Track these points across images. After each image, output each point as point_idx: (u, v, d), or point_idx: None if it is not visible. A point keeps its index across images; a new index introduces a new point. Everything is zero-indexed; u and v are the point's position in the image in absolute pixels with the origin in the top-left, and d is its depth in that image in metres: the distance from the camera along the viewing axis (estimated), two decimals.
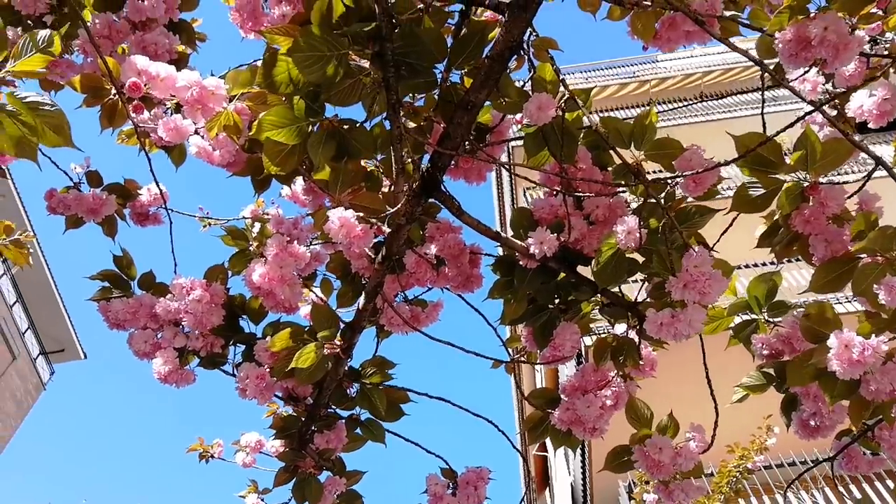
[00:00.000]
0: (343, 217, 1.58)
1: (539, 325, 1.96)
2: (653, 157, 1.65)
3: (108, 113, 1.73)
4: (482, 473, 2.17)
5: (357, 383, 2.04)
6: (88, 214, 2.20)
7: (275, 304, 1.95)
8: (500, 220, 12.15)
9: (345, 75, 1.52)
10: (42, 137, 1.12)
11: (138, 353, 2.05)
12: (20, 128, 1.09)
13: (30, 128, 1.09)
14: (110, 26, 2.06)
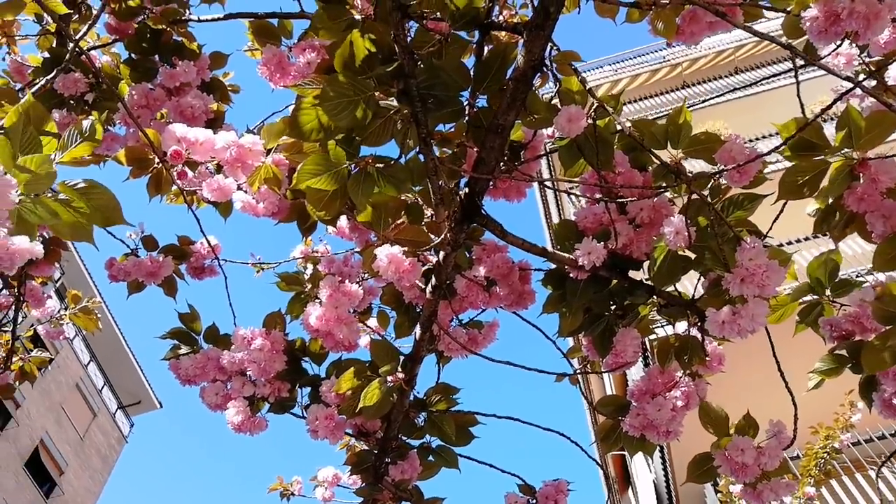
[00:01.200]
0: (390, 254, 1.60)
1: (598, 333, 1.94)
2: (691, 153, 1.63)
3: (154, 182, 1.80)
4: (561, 486, 2.16)
5: (424, 412, 2.05)
6: (148, 278, 2.29)
7: (334, 345, 1.98)
8: (549, 231, 12.06)
9: (374, 116, 1.55)
10: (95, 219, 1.18)
11: (211, 405, 2.11)
12: (73, 214, 1.15)
13: (82, 213, 1.15)
14: (147, 96, 2.15)
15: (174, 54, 2.20)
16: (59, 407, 18.80)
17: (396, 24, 1.46)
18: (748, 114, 9.57)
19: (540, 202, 12.21)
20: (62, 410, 18.93)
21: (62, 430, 18.92)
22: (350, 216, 2.05)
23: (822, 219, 1.62)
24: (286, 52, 1.95)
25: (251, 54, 2.16)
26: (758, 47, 12.09)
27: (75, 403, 19.59)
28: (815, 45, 1.47)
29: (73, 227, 1.12)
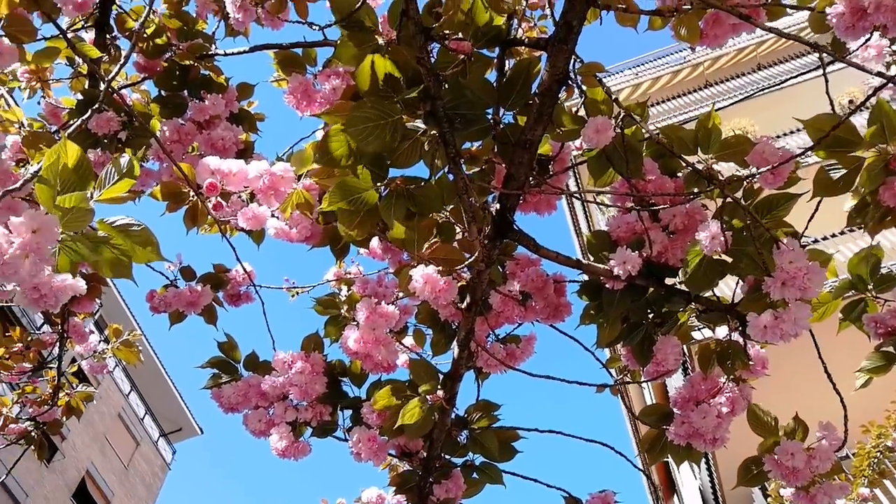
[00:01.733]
0: (426, 274, 1.61)
1: (637, 342, 1.92)
2: (722, 157, 1.62)
3: (190, 214, 1.83)
4: (607, 498, 2.14)
5: (466, 430, 2.05)
6: (188, 308, 2.33)
7: (374, 366, 1.99)
8: (578, 243, 11.99)
9: (402, 138, 1.57)
10: (134, 256, 1.20)
11: (255, 432, 2.13)
12: (113, 251, 1.17)
13: (122, 250, 1.17)
14: (178, 130, 2.19)
15: (202, 88, 2.24)
16: (104, 437, 19.09)
17: (420, 48, 1.48)
18: (773, 109, 9.43)
19: (568, 214, 12.15)
20: (106, 441, 19.23)
21: (107, 460, 19.21)
22: (382, 237, 2.06)
23: (856, 212, 1.59)
24: (312, 80, 1.98)
25: (277, 84, 2.19)
26: (780, 42, 11.94)
27: (118, 433, 19.89)
28: (842, 40, 1.45)
29: (114, 264, 1.15)
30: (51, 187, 1.02)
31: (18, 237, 0.88)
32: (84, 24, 2.43)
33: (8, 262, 0.86)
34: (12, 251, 0.87)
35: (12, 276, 0.88)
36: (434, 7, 1.70)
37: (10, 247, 0.87)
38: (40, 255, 0.90)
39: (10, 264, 0.87)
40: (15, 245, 0.88)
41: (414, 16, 1.48)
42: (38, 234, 0.90)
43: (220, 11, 2.28)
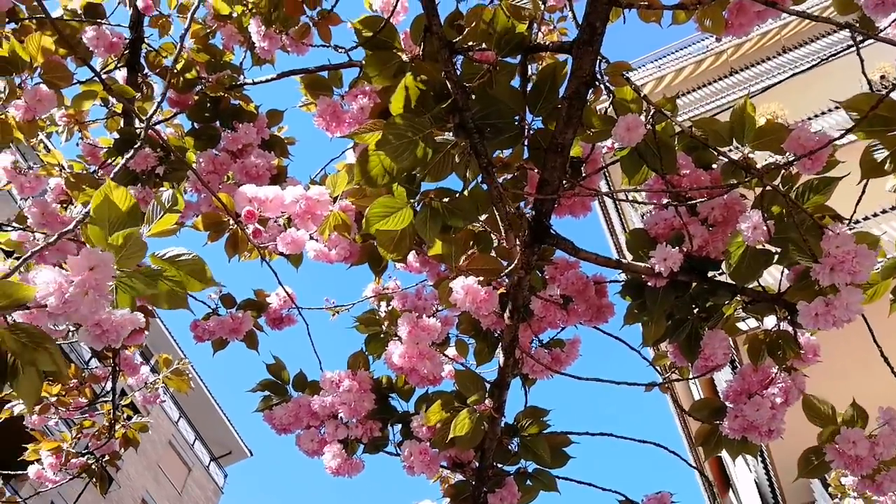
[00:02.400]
0: (466, 285, 1.62)
1: (683, 339, 1.90)
2: (758, 146, 1.60)
3: (231, 243, 1.87)
4: (663, 498, 2.11)
5: (516, 437, 2.05)
6: (231, 335, 2.36)
7: (420, 380, 2.00)
8: (613, 243, 11.89)
9: (434, 152, 1.58)
10: (188, 285, 1.23)
11: (308, 452, 2.15)
12: (167, 283, 1.20)
13: (176, 281, 1.20)
14: (213, 161, 2.24)
15: (233, 118, 2.29)
16: (157, 465, 19.43)
17: (446, 62, 1.49)
18: (803, 92, 9.27)
19: (601, 214, 12.06)
20: (159, 468, 19.56)
21: (161, 487, 19.53)
22: (419, 251, 2.08)
23: None
24: (339, 102, 2.00)
25: (306, 109, 2.23)
26: (804, 24, 11.74)
27: (170, 460, 20.23)
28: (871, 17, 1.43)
29: (169, 295, 1.18)
30: (102, 227, 1.05)
31: (77, 276, 0.91)
32: (116, 64, 2.50)
33: (69, 300, 0.89)
34: (72, 290, 0.90)
35: (74, 314, 0.91)
36: (456, 20, 1.72)
37: (69, 285, 0.90)
38: (100, 292, 0.93)
39: (72, 302, 0.90)
40: (74, 283, 0.91)
41: (437, 31, 1.50)
42: (96, 271, 0.92)
43: (246, 41, 2.33)
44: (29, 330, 0.92)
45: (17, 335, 0.91)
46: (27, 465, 2.95)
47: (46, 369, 0.94)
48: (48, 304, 0.88)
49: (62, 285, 0.88)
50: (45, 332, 0.93)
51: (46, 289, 0.88)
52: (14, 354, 0.92)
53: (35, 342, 0.92)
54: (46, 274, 0.89)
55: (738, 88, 11.65)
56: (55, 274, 0.89)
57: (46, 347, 0.92)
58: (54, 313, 0.89)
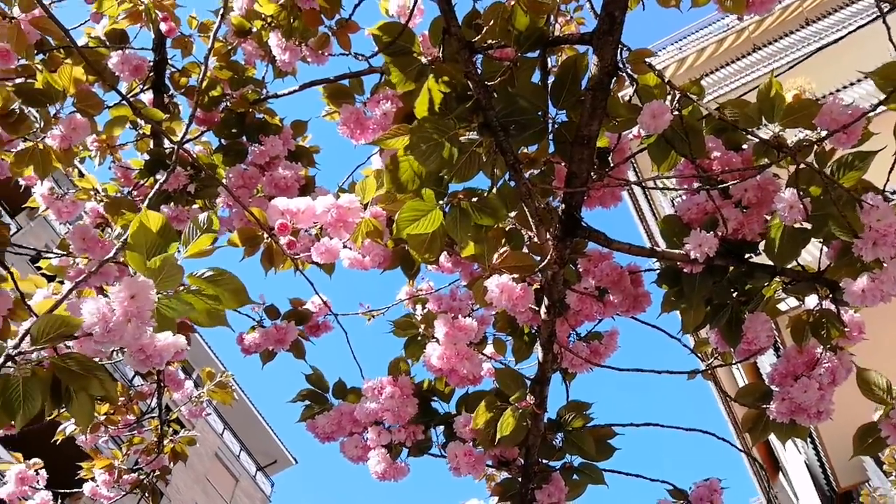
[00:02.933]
0: (501, 283, 1.62)
1: (724, 324, 1.88)
2: (789, 124, 1.57)
3: (267, 256, 1.89)
4: (713, 486, 2.08)
5: (560, 432, 2.04)
6: (277, 345, 2.39)
7: (460, 381, 2.01)
8: (644, 230, 11.75)
9: (460, 153, 1.58)
10: (226, 303, 1.25)
11: (352, 458, 2.17)
12: (206, 301, 1.22)
13: (214, 299, 1.22)
14: (242, 176, 2.27)
15: (259, 132, 2.32)
16: (204, 478, 19.75)
17: (466, 62, 1.49)
18: (830, 64, 9.05)
19: (630, 202, 11.93)
20: (207, 481, 19.88)
21: (209, 499, 19.85)
22: (451, 252, 2.08)
23: None
24: (362, 109, 2.01)
25: (330, 118, 2.25)
26: None
27: (217, 472, 20.54)
28: None
29: (209, 314, 1.20)
30: (140, 253, 1.07)
31: (119, 304, 0.94)
32: (142, 87, 2.55)
33: (113, 329, 0.92)
34: (116, 318, 0.92)
35: (118, 341, 0.93)
36: (474, 19, 1.72)
37: (112, 314, 0.93)
38: (142, 319, 0.95)
39: (116, 330, 0.92)
40: (117, 311, 0.93)
41: (456, 32, 1.50)
42: (137, 298, 0.95)
43: (267, 55, 2.36)
44: (79, 358, 0.94)
45: (69, 363, 0.94)
46: (82, 482, 3.02)
47: (97, 395, 0.96)
48: (94, 334, 0.90)
49: (106, 314, 0.91)
50: (95, 360, 0.96)
51: (92, 318, 0.91)
52: (67, 381, 0.95)
53: (85, 369, 0.94)
54: (91, 304, 0.91)
55: (762, 65, 11.44)
56: (99, 303, 0.92)
57: (96, 374, 0.95)
58: (100, 341, 0.91)
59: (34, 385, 0.93)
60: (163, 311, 1.14)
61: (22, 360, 0.94)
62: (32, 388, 0.94)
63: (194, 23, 2.60)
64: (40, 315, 1.45)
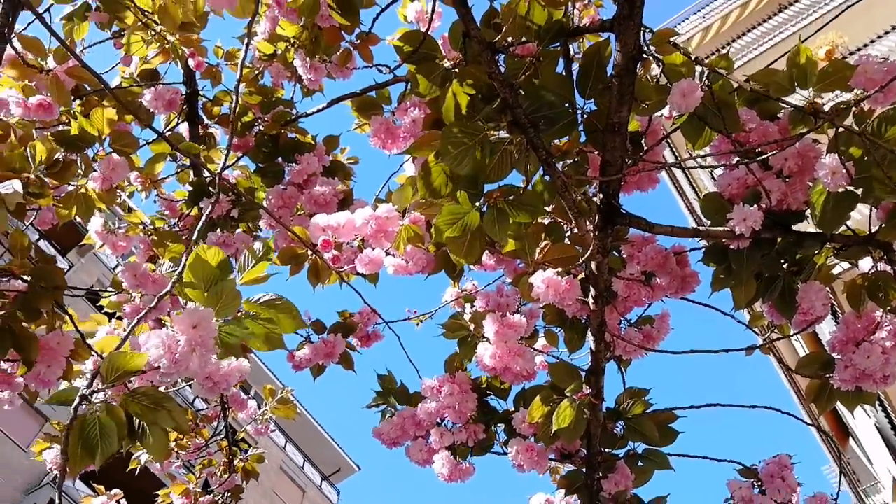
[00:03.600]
0: (546, 278, 1.62)
1: (777, 296, 1.85)
2: (824, 88, 1.54)
3: (313, 272, 1.93)
4: (783, 461, 2.05)
5: (620, 420, 2.03)
6: (326, 359, 2.44)
7: (514, 377, 2.01)
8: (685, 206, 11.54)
9: (492, 153, 1.59)
10: (282, 327, 1.29)
11: (418, 462, 2.20)
12: (264, 325, 1.26)
13: (272, 324, 1.26)
14: (282, 196, 2.31)
15: (294, 151, 2.36)
16: (272, 492, 20.12)
17: (489, 63, 1.50)
18: (859, 18, 8.77)
19: (669, 181, 11.73)
20: (275, 495, 20.25)
21: None
22: (493, 251, 2.09)
23: None
24: (391, 118, 2.04)
25: (360, 130, 2.28)
26: None
27: (284, 485, 20.91)
28: None
29: (267, 338, 1.23)
30: (199, 284, 1.11)
31: (183, 334, 0.97)
32: (177, 120, 2.62)
33: (179, 359, 0.95)
34: (181, 349, 0.96)
35: (185, 371, 0.97)
36: (492, 19, 1.72)
37: (177, 345, 0.96)
38: (206, 348, 0.98)
39: (182, 361, 0.96)
40: (182, 342, 0.97)
41: (476, 35, 1.51)
42: (199, 328, 0.98)
43: (294, 76, 2.40)
44: (148, 393, 0.98)
45: (139, 399, 0.98)
46: None
47: (169, 427, 1.00)
48: (161, 366, 0.94)
49: (171, 346, 0.94)
50: (164, 393, 1.00)
51: (157, 352, 0.95)
52: (138, 417, 0.99)
53: (155, 403, 0.98)
54: (155, 338, 0.95)
55: (790, 24, 11.13)
56: (163, 336, 0.95)
57: (166, 407, 0.99)
58: (168, 373, 0.95)
59: (109, 423, 0.98)
60: (224, 337, 1.18)
61: (95, 400, 0.98)
62: (108, 426, 0.98)
63: (220, 52, 2.67)
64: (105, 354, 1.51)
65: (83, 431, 0.98)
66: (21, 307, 1.74)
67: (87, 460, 0.98)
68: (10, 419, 14.07)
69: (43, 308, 1.73)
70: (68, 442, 0.95)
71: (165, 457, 1.01)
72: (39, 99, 1.85)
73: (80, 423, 0.97)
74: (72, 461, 0.99)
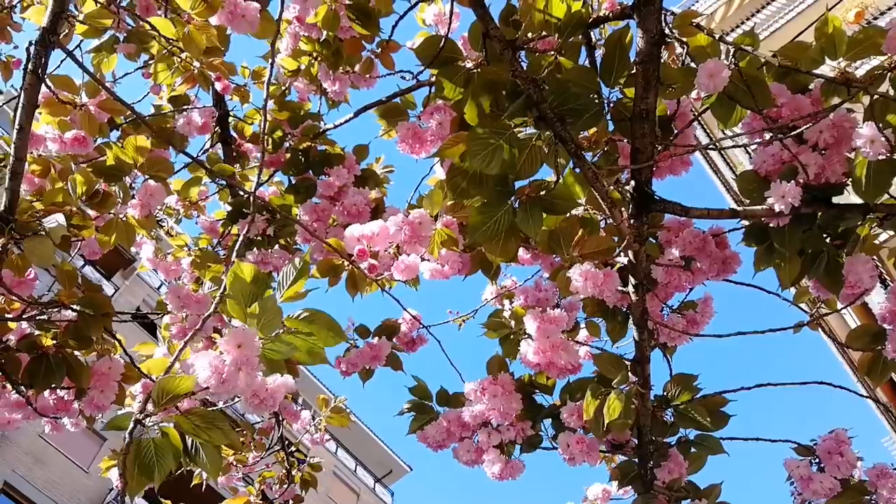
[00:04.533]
0: (584, 271, 1.61)
1: (823, 271, 1.81)
2: (856, 56, 1.50)
3: (351, 283, 1.95)
4: (840, 436, 2.01)
5: (669, 408, 2.01)
6: (373, 362, 2.46)
7: (559, 372, 2.01)
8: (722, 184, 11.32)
9: (520, 151, 1.59)
10: (324, 341, 1.30)
11: (467, 463, 2.21)
12: (306, 340, 1.28)
13: (314, 338, 1.27)
14: (315, 210, 2.34)
15: (324, 164, 2.39)
16: (327, 497, 20.36)
17: (511, 61, 1.50)
18: None
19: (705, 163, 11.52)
20: (330, 499, 20.49)
21: None
22: (528, 247, 2.09)
23: None
24: (417, 123, 2.05)
25: (387, 136, 2.30)
26: None
27: (339, 489, 21.15)
28: None
29: (310, 352, 1.25)
30: (238, 302, 1.14)
31: (229, 355, 1.00)
32: (210, 142, 2.67)
33: (227, 379, 0.98)
34: (228, 369, 0.98)
35: (233, 390, 0.99)
36: (510, 15, 1.72)
37: (224, 365, 0.99)
38: (251, 366, 1.01)
39: (230, 380, 0.98)
40: (228, 362, 0.99)
41: (496, 34, 1.50)
42: (244, 346, 1.01)
43: (318, 89, 2.43)
44: (200, 412, 1.01)
45: (192, 419, 1.01)
46: None
47: (222, 444, 1.02)
48: (210, 387, 0.96)
49: (218, 367, 0.97)
50: (216, 412, 1.02)
51: (205, 373, 0.97)
52: (192, 436, 1.01)
53: (208, 422, 1.01)
54: (203, 360, 0.98)
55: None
56: (210, 357, 0.98)
57: (218, 425, 1.01)
58: (217, 393, 0.97)
59: (164, 445, 1.01)
60: (268, 354, 1.20)
61: (149, 423, 1.01)
62: (163, 448, 1.01)
63: (247, 72, 2.71)
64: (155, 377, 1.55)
65: (139, 455, 1.01)
66: (73, 336, 1.80)
67: (145, 481, 1.01)
68: (71, 442, 14.52)
69: (94, 335, 1.78)
70: (125, 465, 0.98)
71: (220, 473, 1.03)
72: (74, 133, 1.90)
73: (136, 448, 1.00)
74: (130, 483, 1.03)
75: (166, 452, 1.01)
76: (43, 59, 1.51)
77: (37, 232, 1.58)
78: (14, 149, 1.58)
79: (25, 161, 1.59)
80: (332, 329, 1.27)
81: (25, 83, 1.53)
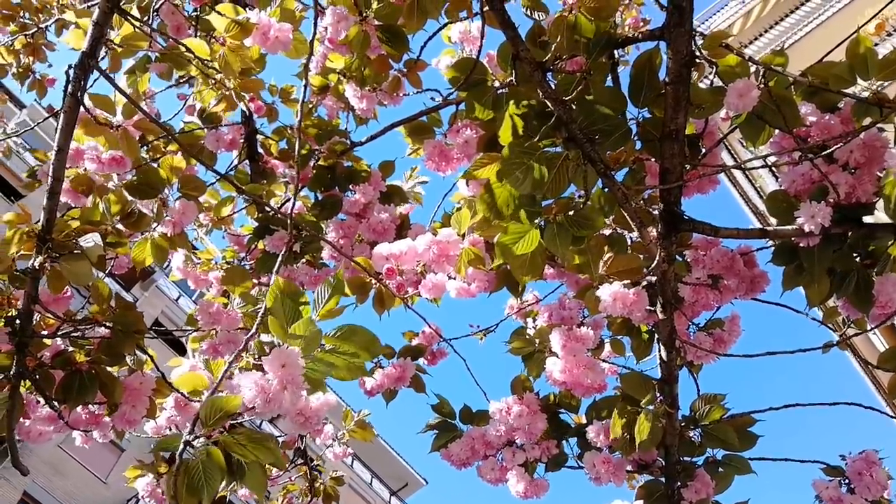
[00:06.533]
0: (613, 291, 1.62)
1: (852, 291, 1.80)
2: (887, 76, 1.50)
3: (378, 300, 1.96)
4: (870, 457, 1.99)
5: (697, 427, 2.00)
6: (397, 383, 2.46)
7: (585, 391, 2.00)
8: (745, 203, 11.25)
9: (549, 170, 1.59)
10: (364, 357, 1.31)
11: (491, 481, 2.20)
12: (345, 358, 1.29)
13: (353, 355, 1.29)
14: (341, 227, 2.36)
15: (350, 181, 2.41)
16: None
17: (540, 83, 1.51)
18: None
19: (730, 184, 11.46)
20: None
21: None
22: (553, 265, 2.09)
23: None
24: (443, 140, 2.06)
25: (415, 154, 2.32)
26: None
27: (354, 502, 21.08)
28: None
29: (350, 369, 1.26)
30: (281, 322, 1.15)
31: (273, 374, 1.01)
32: (238, 159, 2.71)
33: (272, 398, 0.99)
34: (273, 388, 0.99)
35: (278, 408, 1.01)
36: (539, 37, 1.74)
37: (269, 384, 1.00)
38: (295, 385, 1.02)
39: (275, 399, 0.99)
40: (273, 382, 1.00)
41: (526, 56, 1.52)
42: (288, 366, 1.02)
43: (346, 106, 2.45)
44: (246, 432, 1.02)
45: (239, 438, 1.02)
46: None
47: (269, 463, 1.04)
48: (256, 406, 0.98)
49: (264, 387, 0.98)
50: (262, 432, 1.03)
51: (251, 393, 0.99)
52: (239, 455, 1.03)
53: (255, 441, 1.02)
54: (247, 380, 0.99)
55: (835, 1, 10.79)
56: (255, 377, 0.99)
57: (265, 444, 1.02)
58: (262, 412, 0.99)
59: (212, 465, 1.02)
60: (310, 373, 1.21)
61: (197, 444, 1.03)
62: (211, 468, 1.03)
63: (275, 90, 2.75)
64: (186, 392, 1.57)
65: (187, 475, 1.02)
66: (106, 352, 1.82)
67: (194, 501, 1.03)
68: (89, 452, 14.61)
69: (126, 352, 1.80)
70: (176, 486, 1.00)
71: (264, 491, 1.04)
72: (111, 154, 1.94)
73: (184, 468, 1.01)
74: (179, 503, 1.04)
75: (214, 472, 1.03)
76: (82, 83, 1.54)
77: (73, 251, 1.61)
78: (52, 169, 1.61)
79: (63, 181, 1.63)
80: (371, 345, 1.28)
81: (65, 105, 1.56)
